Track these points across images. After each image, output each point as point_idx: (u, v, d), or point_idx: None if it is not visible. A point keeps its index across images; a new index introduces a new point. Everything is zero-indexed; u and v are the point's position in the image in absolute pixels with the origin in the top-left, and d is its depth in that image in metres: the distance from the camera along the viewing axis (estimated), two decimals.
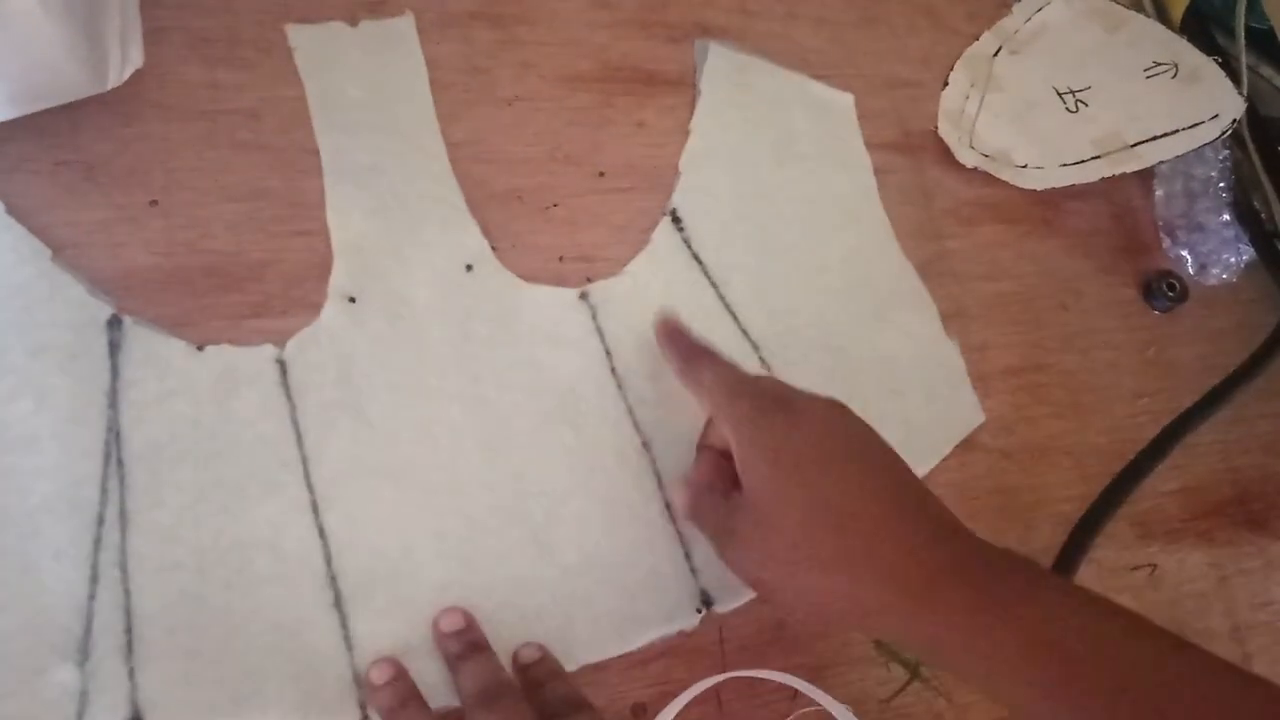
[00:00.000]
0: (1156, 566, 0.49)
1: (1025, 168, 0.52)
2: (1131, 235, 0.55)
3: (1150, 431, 0.51)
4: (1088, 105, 0.54)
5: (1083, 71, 0.55)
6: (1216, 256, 0.54)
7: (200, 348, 0.36)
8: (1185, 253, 0.55)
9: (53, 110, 0.34)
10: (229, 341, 0.36)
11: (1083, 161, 0.53)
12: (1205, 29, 0.58)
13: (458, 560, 0.37)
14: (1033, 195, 0.53)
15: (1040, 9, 0.57)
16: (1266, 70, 0.58)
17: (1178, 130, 0.53)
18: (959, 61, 0.55)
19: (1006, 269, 0.51)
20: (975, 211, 0.52)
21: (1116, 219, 0.55)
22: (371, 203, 0.39)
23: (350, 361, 0.37)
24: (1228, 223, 0.54)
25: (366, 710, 0.34)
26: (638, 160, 0.45)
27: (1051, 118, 0.54)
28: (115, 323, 0.35)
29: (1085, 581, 0.46)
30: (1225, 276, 0.55)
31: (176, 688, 0.32)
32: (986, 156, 0.52)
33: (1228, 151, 0.56)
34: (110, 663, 0.32)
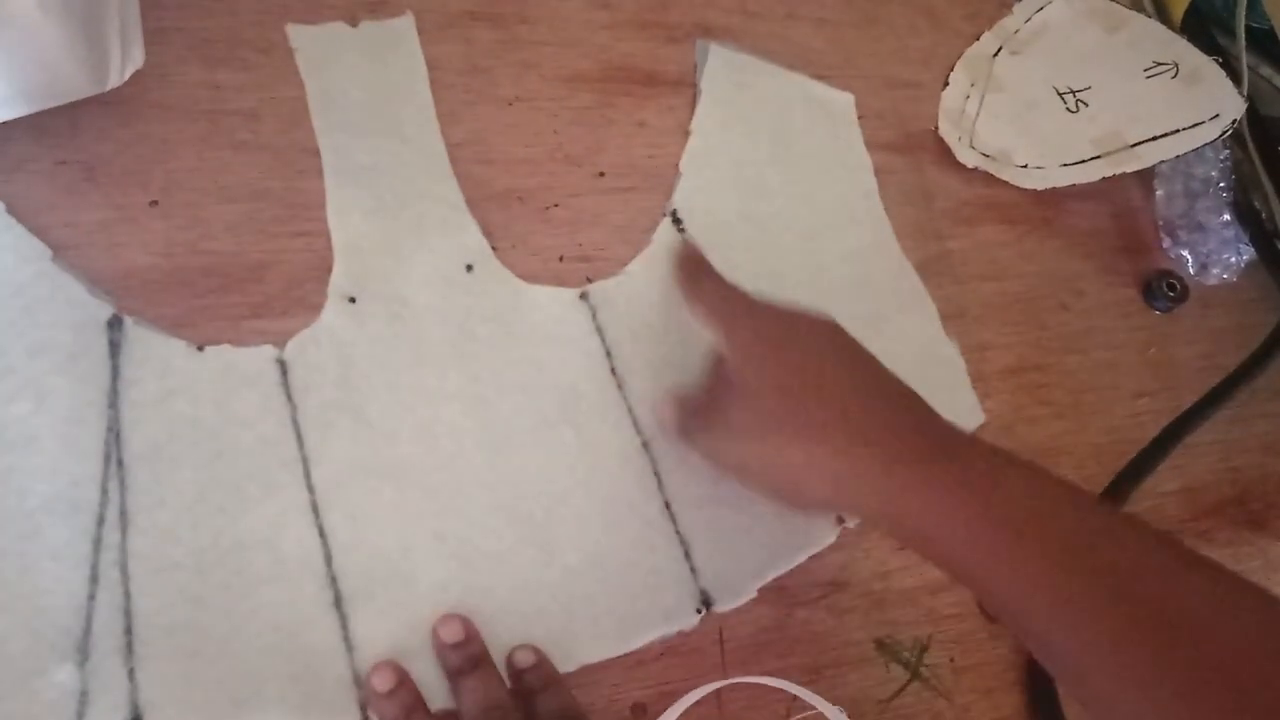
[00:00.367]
0: None
1: (1025, 168, 0.52)
2: (1132, 235, 0.55)
3: (1150, 431, 0.51)
4: (1088, 105, 0.54)
5: (1083, 71, 0.55)
6: (1217, 256, 0.54)
7: (200, 348, 0.36)
8: (1185, 253, 0.55)
9: (53, 110, 0.34)
10: (229, 342, 0.36)
11: (1083, 161, 0.53)
12: (1205, 29, 0.58)
13: (458, 560, 0.37)
14: (1033, 195, 0.53)
15: (1040, 9, 0.57)
16: (1266, 70, 0.58)
17: (1178, 130, 0.53)
18: (959, 61, 0.55)
19: (1006, 269, 0.51)
20: (975, 211, 0.52)
21: (1117, 219, 0.55)
22: (372, 203, 0.39)
23: (350, 362, 0.37)
24: (1228, 223, 0.54)
25: (366, 711, 0.34)
26: (638, 160, 0.45)
27: (1052, 118, 0.54)
28: (116, 323, 0.35)
29: None
30: (1225, 276, 0.55)
31: (177, 688, 0.32)
32: (987, 156, 0.52)
33: (1228, 151, 0.56)
34: (110, 663, 0.32)
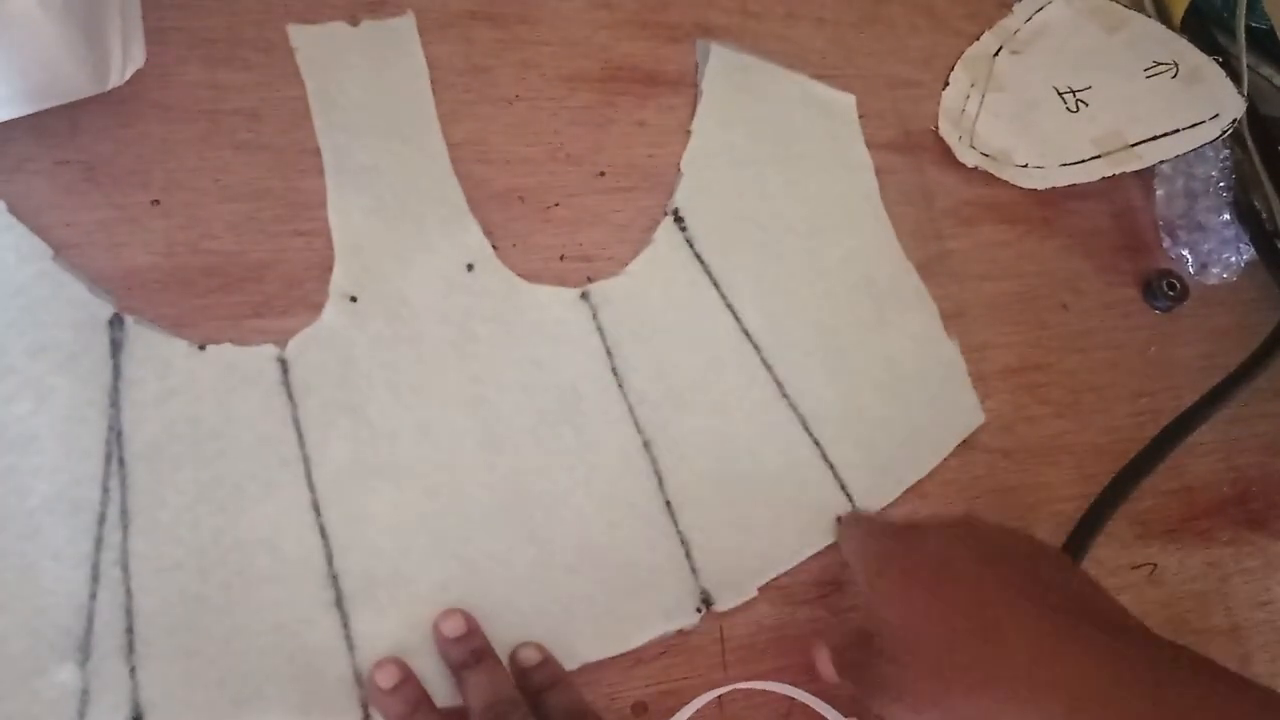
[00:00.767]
0: (1156, 566, 0.49)
1: (1026, 167, 0.52)
2: (1132, 235, 0.55)
3: (1150, 431, 0.51)
4: (1088, 105, 0.54)
5: (1083, 71, 0.55)
6: (1217, 256, 0.54)
7: (202, 347, 0.36)
8: (1185, 252, 0.55)
9: (53, 110, 0.34)
10: (230, 341, 0.36)
11: (1083, 161, 0.53)
12: (1205, 29, 0.58)
13: (458, 560, 0.37)
14: (1033, 195, 0.52)
15: (1041, 9, 0.57)
16: (1266, 70, 0.58)
17: (1178, 130, 0.53)
18: (959, 61, 0.55)
19: (1007, 269, 0.51)
20: (975, 211, 0.52)
21: (1117, 219, 0.55)
22: (372, 203, 0.39)
23: (351, 361, 0.37)
24: (1228, 222, 0.54)
25: (368, 710, 0.34)
26: (639, 160, 0.45)
27: (1052, 117, 0.54)
28: (117, 322, 0.35)
29: None
30: (1225, 276, 0.55)
31: (177, 687, 0.32)
32: (987, 156, 0.52)
33: (1228, 151, 0.55)
34: (111, 662, 0.32)
